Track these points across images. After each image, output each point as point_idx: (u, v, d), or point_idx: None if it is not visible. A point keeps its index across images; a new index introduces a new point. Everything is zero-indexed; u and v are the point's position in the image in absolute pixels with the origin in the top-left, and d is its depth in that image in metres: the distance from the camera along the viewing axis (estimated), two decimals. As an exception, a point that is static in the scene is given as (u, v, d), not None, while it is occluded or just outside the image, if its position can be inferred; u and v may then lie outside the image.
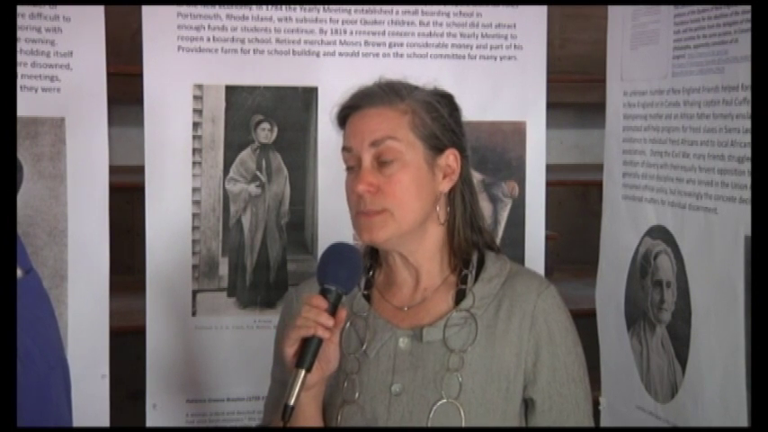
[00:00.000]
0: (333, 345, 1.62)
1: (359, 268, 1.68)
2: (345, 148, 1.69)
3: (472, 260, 1.73)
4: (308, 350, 1.56)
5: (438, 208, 1.70)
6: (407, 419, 1.65)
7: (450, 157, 1.70)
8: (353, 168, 1.67)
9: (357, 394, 1.68)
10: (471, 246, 1.73)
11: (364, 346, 1.71)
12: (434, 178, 1.68)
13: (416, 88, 1.71)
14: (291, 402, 1.53)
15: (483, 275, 1.71)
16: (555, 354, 1.68)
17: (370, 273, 1.78)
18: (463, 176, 1.72)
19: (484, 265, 1.73)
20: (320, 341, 1.57)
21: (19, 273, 1.50)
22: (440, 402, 1.64)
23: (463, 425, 1.63)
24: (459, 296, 1.70)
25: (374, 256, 1.78)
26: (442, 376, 1.65)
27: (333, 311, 1.59)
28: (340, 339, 1.69)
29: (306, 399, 1.63)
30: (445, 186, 1.70)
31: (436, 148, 1.68)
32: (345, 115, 1.70)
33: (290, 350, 1.58)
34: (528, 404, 1.70)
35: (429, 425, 1.64)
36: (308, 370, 1.56)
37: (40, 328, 1.54)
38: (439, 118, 1.68)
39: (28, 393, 1.46)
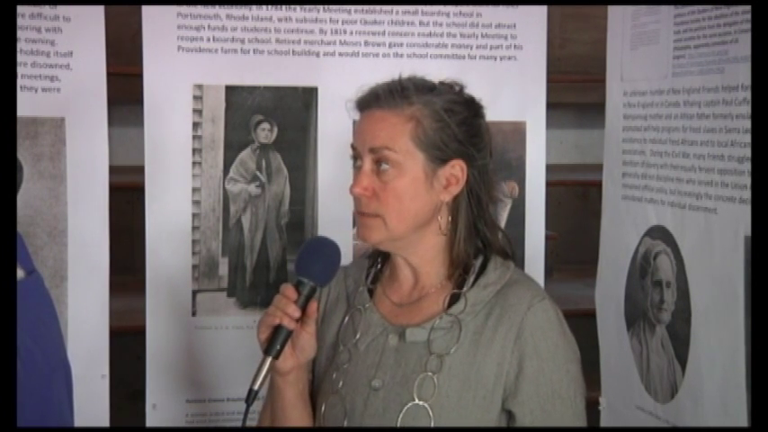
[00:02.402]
0: (307, 335, 1.65)
1: (334, 263, 1.69)
2: (352, 146, 1.69)
3: (474, 265, 1.70)
4: (277, 338, 1.62)
5: (440, 217, 1.67)
6: (380, 416, 1.65)
7: (456, 168, 1.65)
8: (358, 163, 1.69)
9: (341, 385, 1.70)
10: (471, 256, 1.69)
11: (356, 338, 1.72)
12: (433, 188, 1.65)
13: (432, 90, 1.66)
14: (256, 387, 1.61)
15: (480, 281, 1.69)
16: (540, 369, 1.63)
17: (378, 267, 1.78)
18: (469, 186, 1.67)
19: (485, 270, 1.70)
20: (289, 331, 1.62)
21: (21, 274, 1.50)
22: (411, 403, 1.63)
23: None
24: (452, 300, 1.69)
25: (384, 251, 1.77)
26: (417, 377, 1.65)
27: (304, 303, 1.63)
28: (338, 330, 1.74)
29: (283, 384, 1.70)
30: (446, 196, 1.66)
31: (439, 158, 1.64)
32: (360, 109, 1.69)
33: (262, 336, 1.64)
34: (510, 416, 1.65)
35: (398, 424, 1.63)
36: (276, 357, 1.62)
37: (42, 329, 1.54)
38: (444, 128, 1.64)
39: (30, 394, 1.46)
